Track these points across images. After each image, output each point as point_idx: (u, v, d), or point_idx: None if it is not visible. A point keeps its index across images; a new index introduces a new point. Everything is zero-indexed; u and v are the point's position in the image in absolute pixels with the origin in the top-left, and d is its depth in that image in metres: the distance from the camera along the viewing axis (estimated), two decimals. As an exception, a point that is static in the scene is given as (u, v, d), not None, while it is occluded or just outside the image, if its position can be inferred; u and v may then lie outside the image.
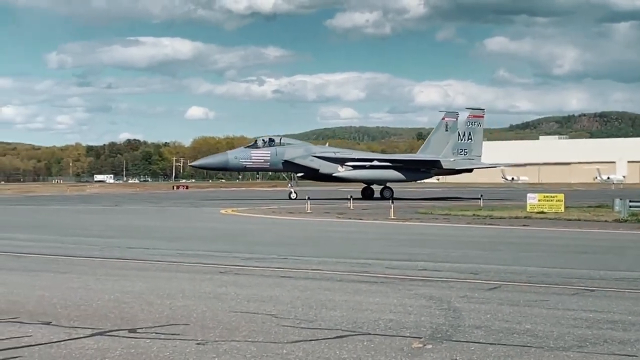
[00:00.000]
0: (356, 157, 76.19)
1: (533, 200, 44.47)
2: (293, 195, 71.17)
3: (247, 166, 73.84)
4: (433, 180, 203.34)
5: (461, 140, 79.88)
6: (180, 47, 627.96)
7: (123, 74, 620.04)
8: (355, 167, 73.77)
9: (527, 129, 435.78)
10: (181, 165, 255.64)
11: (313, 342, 10.14)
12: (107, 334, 10.59)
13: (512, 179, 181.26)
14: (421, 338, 10.35)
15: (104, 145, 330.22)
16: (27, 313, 12.13)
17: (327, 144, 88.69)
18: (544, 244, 26.21)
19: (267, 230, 34.17)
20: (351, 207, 51.04)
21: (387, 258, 20.53)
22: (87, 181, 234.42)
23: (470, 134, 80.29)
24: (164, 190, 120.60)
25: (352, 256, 21.06)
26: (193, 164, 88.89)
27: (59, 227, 36.01)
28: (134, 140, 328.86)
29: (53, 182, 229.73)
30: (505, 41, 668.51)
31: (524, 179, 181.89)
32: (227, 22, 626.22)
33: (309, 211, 46.44)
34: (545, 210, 42.82)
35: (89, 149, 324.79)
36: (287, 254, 21.75)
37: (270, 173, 73.55)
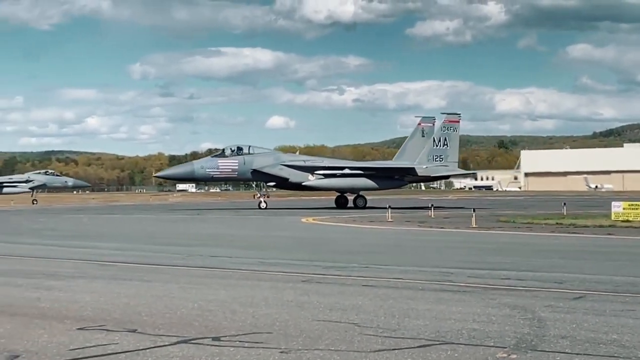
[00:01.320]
0: (326, 165, 74.38)
1: (618, 208, 43.67)
2: (263, 205, 70.45)
3: (215, 176, 72.72)
4: (514, 188, 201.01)
5: (436, 146, 77.73)
6: (261, 56, 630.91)
7: (204, 84, 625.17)
8: (326, 176, 72.26)
9: (611, 137, 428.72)
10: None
11: (396, 351, 10.11)
12: (192, 342, 10.69)
13: (596, 186, 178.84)
14: (505, 348, 10.25)
15: (186, 154, 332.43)
16: (113, 321, 12.31)
17: (297, 152, 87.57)
18: (629, 252, 25.79)
19: (348, 238, 34.20)
20: (432, 216, 50.83)
21: (469, 267, 20.38)
22: (169, 190, 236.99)
23: (445, 139, 78.05)
24: (245, 199, 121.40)
25: (434, 265, 20.97)
26: (158, 174, 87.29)
27: (143, 235, 36.50)
28: (215, 149, 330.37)
29: (136, 191, 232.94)
30: (589, 48, 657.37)
31: (608, 186, 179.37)
32: (307, 31, 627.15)
33: (389, 220, 46.33)
34: (630, 218, 42.03)
35: (172, 158, 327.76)
36: (369, 262, 21.73)
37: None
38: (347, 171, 72.94)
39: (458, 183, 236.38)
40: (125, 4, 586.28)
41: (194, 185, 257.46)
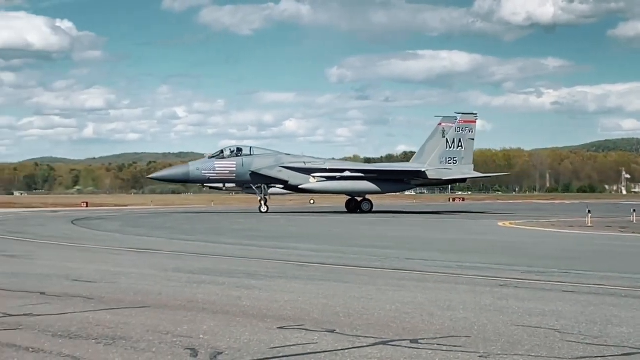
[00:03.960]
0: (327, 168, 71.66)
1: None
2: (263, 209, 68.65)
3: (211, 178, 70.79)
4: None
5: (450, 147, 73.96)
6: (458, 59, 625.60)
7: (400, 87, 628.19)
8: (328, 179, 69.90)
9: None
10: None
11: (599, 358, 9.82)
12: (390, 343, 10.70)
13: None
14: None
15: (381, 157, 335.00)
16: (311, 321, 12.47)
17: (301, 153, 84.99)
18: None
19: (546, 243, 33.52)
20: (634, 221, 49.25)
21: (675, 274, 19.61)
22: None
23: (460, 141, 74.13)
24: (440, 202, 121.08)
25: (637, 272, 20.29)
26: (152, 176, 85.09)
27: (336, 237, 36.90)
28: (411, 152, 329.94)
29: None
30: None
31: None
32: (505, 33, 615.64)
33: (589, 225, 45.19)
34: None
35: (367, 161, 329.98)
36: (568, 267, 21.21)
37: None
38: (347, 174, 70.95)
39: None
40: (323, 9, 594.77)
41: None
